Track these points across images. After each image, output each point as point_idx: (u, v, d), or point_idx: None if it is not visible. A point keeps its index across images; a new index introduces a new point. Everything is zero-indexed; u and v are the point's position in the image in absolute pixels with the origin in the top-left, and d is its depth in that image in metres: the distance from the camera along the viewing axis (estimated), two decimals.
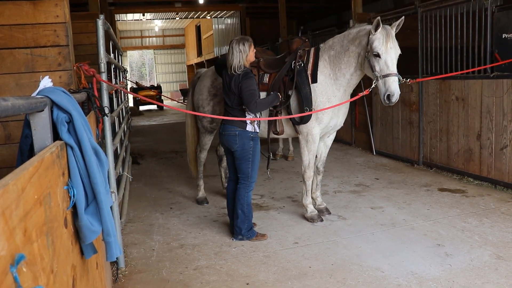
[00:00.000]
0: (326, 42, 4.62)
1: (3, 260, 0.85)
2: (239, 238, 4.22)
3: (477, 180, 5.78)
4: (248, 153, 4.11)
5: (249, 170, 4.16)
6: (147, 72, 48.90)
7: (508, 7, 5.28)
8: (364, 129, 8.41)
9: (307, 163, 4.62)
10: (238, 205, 4.19)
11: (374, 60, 4.08)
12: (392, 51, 4.08)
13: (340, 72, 4.41)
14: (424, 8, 6.48)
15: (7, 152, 3.10)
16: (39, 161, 1.23)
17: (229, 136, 4.11)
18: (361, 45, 4.23)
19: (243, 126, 4.09)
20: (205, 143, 5.43)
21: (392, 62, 4.07)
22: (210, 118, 5.17)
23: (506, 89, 5.24)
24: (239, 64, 3.99)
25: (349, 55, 4.33)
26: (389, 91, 4.03)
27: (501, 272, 3.31)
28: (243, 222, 4.19)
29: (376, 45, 4.05)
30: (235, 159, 4.19)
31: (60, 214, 1.42)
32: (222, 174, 5.80)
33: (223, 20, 21.23)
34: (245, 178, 4.19)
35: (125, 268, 3.71)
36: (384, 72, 4.04)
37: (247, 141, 4.09)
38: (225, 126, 4.16)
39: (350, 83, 4.46)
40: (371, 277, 3.36)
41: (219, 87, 5.03)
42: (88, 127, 1.77)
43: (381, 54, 4.04)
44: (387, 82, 4.03)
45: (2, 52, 3.08)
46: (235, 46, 3.99)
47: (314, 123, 4.49)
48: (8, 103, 1.13)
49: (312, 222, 4.62)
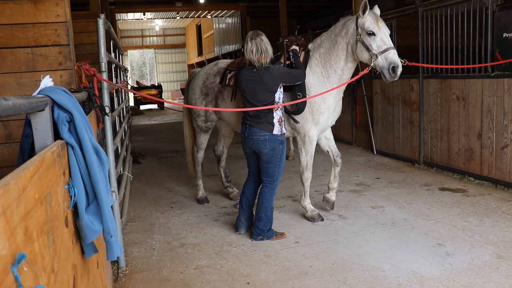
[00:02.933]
0: (315, 41, 4.66)
1: (4, 260, 0.85)
2: (259, 238, 4.17)
3: (478, 179, 5.78)
4: (277, 157, 4.07)
5: (276, 173, 4.12)
6: (147, 71, 48.91)
7: (509, 6, 5.27)
8: (364, 128, 8.41)
9: (305, 164, 4.61)
10: (262, 208, 4.14)
11: (369, 39, 4.15)
12: (384, 29, 4.19)
13: (331, 69, 4.45)
14: (425, 8, 6.48)
15: (8, 152, 3.10)
16: (40, 160, 1.23)
17: (258, 140, 4.00)
18: (349, 33, 4.30)
19: (270, 130, 3.99)
20: (201, 142, 5.43)
21: (387, 38, 4.16)
22: (204, 117, 5.22)
23: (506, 89, 5.23)
24: (268, 60, 3.92)
25: (337, 48, 4.39)
26: (393, 63, 4.06)
27: (502, 271, 3.31)
28: (266, 224, 4.16)
29: (368, 25, 4.14)
30: (262, 162, 4.10)
31: (61, 214, 1.42)
32: (222, 173, 5.80)
33: (223, 19, 21.21)
34: (271, 181, 4.14)
35: (125, 268, 3.71)
36: (382, 48, 4.11)
37: (276, 145, 4.03)
38: (251, 130, 4.02)
39: (342, 79, 4.49)
40: (371, 276, 3.36)
41: (210, 86, 5.06)
42: (89, 127, 1.77)
43: (376, 32, 4.13)
44: (388, 56, 4.09)
45: (3, 51, 3.08)
46: (263, 39, 3.90)
47: (311, 125, 4.50)
48: (9, 102, 1.13)
49: (313, 221, 4.62)
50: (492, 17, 5.38)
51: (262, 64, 3.92)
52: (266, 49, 3.89)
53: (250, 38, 3.94)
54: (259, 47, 3.90)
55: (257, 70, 3.94)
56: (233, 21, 19.51)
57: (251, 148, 4.11)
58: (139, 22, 27.20)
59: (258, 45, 3.90)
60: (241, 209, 4.32)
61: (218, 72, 5.06)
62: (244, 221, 4.32)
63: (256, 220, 4.18)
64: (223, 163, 5.79)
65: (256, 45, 3.90)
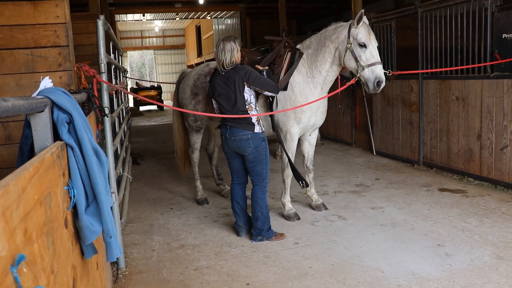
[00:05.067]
0: (304, 42, 4.74)
1: (4, 261, 0.85)
2: (258, 239, 4.17)
3: (478, 180, 5.78)
4: (262, 155, 4.09)
5: (264, 170, 4.14)
6: (147, 72, 48.91)
7: (508, 7, 5.27)
8: (364, 129, 8.41)
9: (286, 162, 4.68)
10: (257, 207, 4.15)
11: (360, 50, 4.23)
12: (374, 42, 4.29)
13: (316, 70, 4.52)
14: (424, 8, 6.48)
15: (7, 153, 3.10)
16: (39, 161, 1.23)
17: (241, 140, 4.02)
18: (339, 39, 4.37)
19: (252, 129, 4.02)
20: (194, 142, 5.47)
21: (376, 52, 4.27)
22: (193, 117, 5.28)
23: (506, 89, 5.24)
24: (231, 60, 3.98)
25: (324, 51, 4.46)
26: (378, 77, 4.19)
27: (501, 272, 3.31)
28: (264, 223, 4.16)
29: (361, 36, 4.23)
30: (248, 162, 4.11)
31: (61, 215, 1.42)
32: (214, 171, 5.91)
33: (223, 20, 21.22)
34: (260, 180, 4.16)
35: (125, 269, 3.71)
36: (370, 61, 4.21)
37: (260, 142, 4.06)
38: (233, 131, 4.03)
39: (326, 80, 4.56)
40: (371, 277, 3.36)
41: (201, 86, 5.12)
42: (89, 128, 1.77)
43: (367, 45, 4.22)
44: (375, 70, 4.20)
45: (3, 52, 3.08)
46: (226, 43, 3.98)
47: (293, 122, 4.56)
48: (8, 103, 1.13)
49: (289, 220, 4.69)
50: (492, 18, 5.38)
51: (227, 66, 3.99)
52: (222, 55, 3.97)
53: (218, 41, 4.06)
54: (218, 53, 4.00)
55: (222, 76, 4.04)
56: (232, 22, 19.52)
57: (233, 149, 4.12)
58: (139, 23, 27.21)
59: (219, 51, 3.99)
60: (236, 215, 4.34)
61: (209, 73, 5.11)
62: (243, 225, 4.32)
63: (254, 220, 4.19)
64: (214, 161, 5.91)
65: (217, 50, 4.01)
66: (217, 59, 4.05)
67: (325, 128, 9.60)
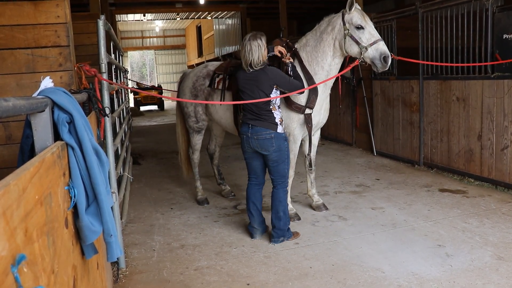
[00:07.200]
0: (300, 41, 4.71)
1: (4, 260, 0.86)
2: (280, 240, 4.10)
3: (478, 180, 5.78)
4: (284, 154, 4.08)
5: (286, 170, 4.14)
6: (147, 72, 48.92)
7: (509, 7, 5.27)
8: (364, 129, 8.41)
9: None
10: (280, 207, 4.10)
11: (358, 32, 4.26)
12: (370, 23, 4.33)
13: (318, 66, 4.50)
14: (425, 9, 6.48)
15: (8, 153, 3.10)
16: (40, 161, 1.23)
17: (264, 139, 3.97)
18: (335, 29, 4.40)
19: (275, 128, 3.99)
20: (195, 143, 5.48)
21: (375, 31, 4.31)
22: (195, 119, 5.30)
23: (506, 90, 5.23)
24: (259, 60, 3.91)
25: (323, 45, 4.46)
26: (383, 53, 4.21)
27: (502, 272, 3.31)
28: (286, 224, 4.12)
29: (356, 19, 4.28)
30: (270, 161, 4.06)
31: (61, 215, 1.42)
32: (215, 171, 5.92)
33: (223, 20, 21.22)
34: (283, 180, 4.14)
35: (125, 269, 3.71)
36: (371, 40, 4.24)
37: (282, 142, 4.04)
38: (256, 129, 3.99)
39: (329, 75, 4.54)
40: (371, 277, 3.36)
41: (200, 88, 5.13)
42: (89, 128, 1.77)
43: (364, 26, 4.25)
44: (378, 47, 4.22)
45: (3, 52, 3.09)
46: (253, 42, 3.90)
47: (296, 124, 4.54)
48: (9, 103, 1.13)
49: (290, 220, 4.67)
50: (492, 19, 5.38)
51: (255, 66, 3.93)
52: (249, 54, 3.90)
53: (244, 40, 3.98)
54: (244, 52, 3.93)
55: (249, 74, 3.98)
56: (233, 22, 19.51)
57: (254, 148, 4.06)
58: (139, 23, 27.20)
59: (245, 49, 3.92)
60: (251, 216, 4.26)
61: (207, 75, 5.11)
62: (257, 227, 4.26)
63: (276, 221, 4.10)
64: (216, 161, 5.93)
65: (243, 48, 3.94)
66: (243, 59, 3.97)
67: (325, 129, 9.59)
